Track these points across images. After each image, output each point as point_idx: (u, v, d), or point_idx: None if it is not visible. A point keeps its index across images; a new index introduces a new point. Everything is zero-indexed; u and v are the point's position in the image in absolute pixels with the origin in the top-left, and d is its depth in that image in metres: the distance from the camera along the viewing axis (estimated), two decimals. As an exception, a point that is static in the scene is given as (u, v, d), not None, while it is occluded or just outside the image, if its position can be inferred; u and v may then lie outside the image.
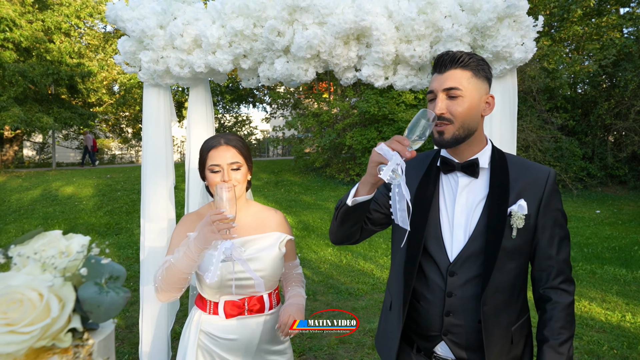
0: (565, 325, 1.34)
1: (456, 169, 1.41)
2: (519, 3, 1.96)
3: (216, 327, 1.68)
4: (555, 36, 13.92)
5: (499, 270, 1.33)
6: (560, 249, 1.38)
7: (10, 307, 0.40)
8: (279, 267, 1.75)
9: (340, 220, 1.44)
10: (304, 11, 2.05)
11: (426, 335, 1.43)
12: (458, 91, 1.33)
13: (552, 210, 1.38)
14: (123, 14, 2.23)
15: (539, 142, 12.62)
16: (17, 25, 16.01)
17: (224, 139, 1.71)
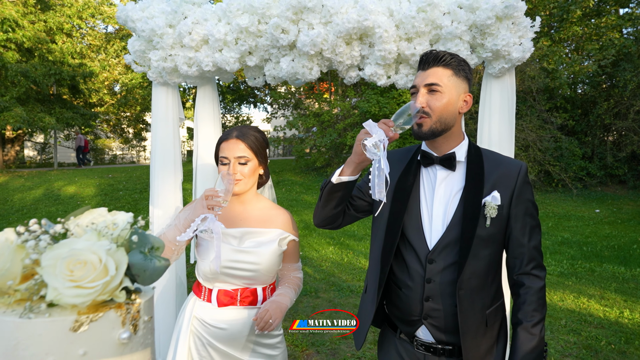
0: (537, 308, 1.42)
1: (435, 162, 1.50)
2: (517, 4, 2.03)
3: (208, 314, 1.71)
4: (555, 36, 13.98)
5: (474, 257, 1.42)
6: (531, 237, 1.46)
7: (76, 267, 0.47)
8: (275, 264, 1.75)
9: (325, 200, 1.52)
10: (310, 11, 2.12)
11: (408, 320, 1.51)
12: (438, 87, 1.42)
13: (524, 201, 1.47)
14: (133, 14, 2.30)
15: (538, 142, 12.68)
16: (20, 25, 16.10)
17: (237, 132, 1.74)
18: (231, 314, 1.70)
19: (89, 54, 20.80)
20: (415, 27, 2.06)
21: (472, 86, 1.55)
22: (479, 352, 1.44)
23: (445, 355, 1.48)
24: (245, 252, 1.69)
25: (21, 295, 0.49)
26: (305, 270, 6.75)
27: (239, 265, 1.68)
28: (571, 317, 4.80)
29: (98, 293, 0.47)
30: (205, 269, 1.68)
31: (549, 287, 5.96)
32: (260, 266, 1.70)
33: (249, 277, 1.71)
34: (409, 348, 1.53)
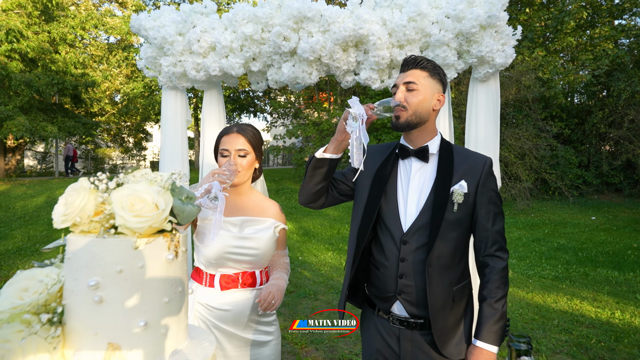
0: (500, 285, 1.58)
1: (410, 154, 1.68)
2: (499, 14, 2.22)
3: (212, 298, 1.84)
4: (550, 47, 14.28)
5: (443, 238, 1.58)
6: (494, 222, 1.63)
7: (136, 202, 0.62)
8: (271, 248, 1.91)
9: (309, 176, 1.68)
10: (310, 20, 2.30)
11: (384, 297, 1.68)
12: (415, 85, 1.62)
13: (488, 190, 1.64)
14: (146, 23, 2.48)
15: (534, 150, 12.87)
16: (24, 36, 16.38)
17: (237, 127, 1.92)
18: (234, 296, 1.85)
19: (90, 64, 21.10)
20: (406, 35, 2.24)
21: (446, 90, 1.74)
22: (447, 325, 1.61)
23: (418, 329, 1.64)
24: (246, 239, 1.84)
25: (95, 224, 0.66)
26: (304, 274, 6.88)
27: (241, 250, 1.83)
28: (564, 318, 4.93)
29: (151, 222, 0.63)
30: (210, 254, 1.81)
31: (543, 290, 6.09)
32: (260, 251, 1.85)
33: (249, 262, 1.86)
34: (386, 324, 1.70)
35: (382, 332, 1.71)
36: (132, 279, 0.62)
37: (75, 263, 0.63)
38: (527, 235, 10.21)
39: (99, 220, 0.65)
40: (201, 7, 2.47)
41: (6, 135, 16.55)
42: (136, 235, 0.63)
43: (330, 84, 18.41)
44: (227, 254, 1.81)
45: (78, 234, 0.65)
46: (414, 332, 1.64)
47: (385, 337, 1.70)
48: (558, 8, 13.95)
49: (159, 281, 0.65)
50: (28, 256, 8.19)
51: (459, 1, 2.23)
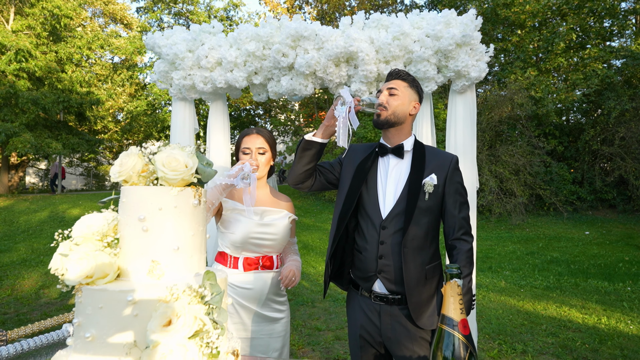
0: (466, 264, 1.81)
1: (388, 152, 1.93)
2: (473, 34, 2.51)
3: (235, 278, 2.11)
4: (542, 67, 14.73)
5: (416, 223, 1.83)
6: (460, 210, 1.88)
7: (172, 162, 0.87)
8: (287, 235, 2.20)
9: (298, 157, 1.91)
10: (306, 39, 2.60)
11: (366, 276, 1.91)
12: (396, 91, 1.90)
13: (454, 183, 1.90)
14: (159, 41, 2.78)
15: (529, 166, 13.15)
16: (33, 56, 16.88)
17: (256, 129, 2.23)
18: (254, 277, 2.12)
19: (95, 83, 21.61)
20: (391, 52, 2.53)
21: (422, 99, 2.02)
22: (421, 299, 1.85)
23: (396, 304, 1.88)
24: (266, 225, 2.12)
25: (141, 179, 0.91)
26: (303, 284, 7.05)
27: (262, 235, 2.11)
28: (552, 323, 5.11)
29: (182, 175, 0.88)
30: (236, 239, 2.08)
31: (534, 298, 6.27)
32: (278, 236, 2.14)
33: (269, 246, 2.14)
34: (368, 302, 1.93)
35: (365, 309, 1.93)
36: (168, 215, 0.87)
37: (128, 204, 0.88)
38: (522, 249, 10.40)
39: (145, 176, 0.90)
40: (209, 27, 2.78)
41: (12, 152, 16.86)
42: (172, 185, 0.88)
43: (329, 103, 18.85)
44: (250, 238, 2.09)
45: (130, 185, 0.91)
46: (392, 307, 1.87)
47: (368, 313, 1.92)
48: (549, 30, 14.46)
49: (187, 218, 0.89)
50: (33, 267, 8.36)
51: (437, 22, 2.53)
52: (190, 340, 0.76)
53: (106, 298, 0.80)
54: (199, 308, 0.79)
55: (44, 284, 7.22)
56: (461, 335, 0.90)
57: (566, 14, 14.82)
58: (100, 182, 30.79)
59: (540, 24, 15.19)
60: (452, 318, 0.91)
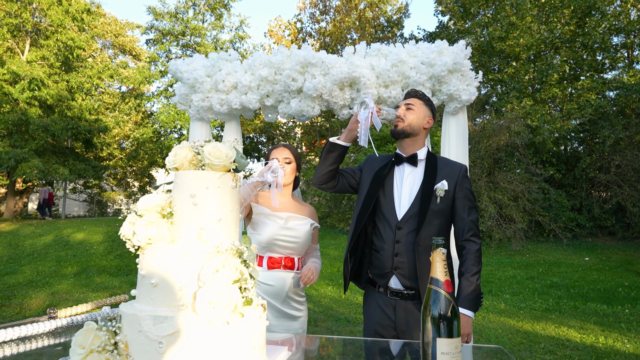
0: (475, 263, 2.01)
1: (403, 160, 2.15)
2: (463, 62, 2.81)
3: (260, 275, 2.31)
4: (537, 97, 15.20)
5: (428, 224, 2.02)
6: (469, 213, 2.08)
7: (216, 151, 1.11)
8: (308, 239, 2.42)
9: (323, 158, 2.15)
10: (313, 65, 2.90)
11: (383, 273, 2.10)
12: (412, 106, 2.15)
13: (463, 189, 2.10)
14: (182, 67, 3.09)
15: (527, 193, 13.37)
16: (45, 85, 17.48)
17: (282, 143, 2.53)
18: (277, 275, 2.34)
19: (102, 111, 22.20)
20: (390, 77, 2.83)
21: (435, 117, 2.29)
22: None
23: (410, 299, 2.07)
24: (290, 229, 2.35)
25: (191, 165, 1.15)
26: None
27: (286, 238, 2.34)
28: (550, 342, 5.21)
29: (224, 162, 1.11)
30: (262, 239, 2.32)
31: (533, 319, 6.36)
32: (300, 240, 2.37)
33: (291, 248, 2.36)
34: (384, 297, 2.12)
35: (381, 305, 2.12)
36: (213, 193, 1.10)
37: (181, 184, 1.12)
38: (522, 274, 10.48)
39: (194, 164, 1.14)
40: (226, 55, 3.09)
41: (20, 177, 17.18)
42: (215, 170, 1.12)
43: (331, 131, 19.30)
44: (275, 240, 2.32)
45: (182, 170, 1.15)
46: (407, 302, 2.06)
47: (384, 308, 2.10)
48: (543, 62, 15.02)
49: (227, 196, 1.13)
50: (40, 287, 8.49)
51: (431, 51, 2.84)
52: (234, 285, 0.98)
53: (166, 252, 1.03)
54: (238, 262, 1.01)
55: (51, 302, 7.34)
56: (446, 293, 1.11)
57: (559, 47, 15.42)
58: (102, 209, 30.94)
59: (534, 56, 15.77)
60: (438, 279, 1.12)
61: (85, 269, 10.63)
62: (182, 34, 20.61)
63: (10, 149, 16.64)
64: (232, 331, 0.97)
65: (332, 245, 13.75)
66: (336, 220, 15.90)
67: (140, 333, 0.95)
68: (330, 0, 20.96)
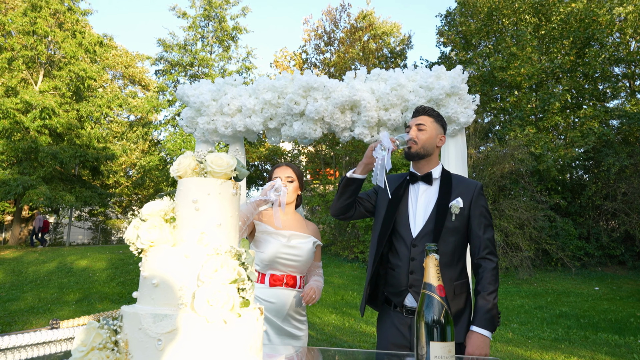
0: (491, 282, 1.98)
1: (418, 179, 2.15)
2: (460, 85, 2.90)
3: (261, 292, 2.33)
4: (540, 125, 15.33)
5: (444, 241, 2.01)
6: (485, 231, 2.05)
7: (218, 160, 1.16)
8: (310, 257, 2.43)
9: (340, 193, 2.16)
10: (315, 89, 3.00)
11: (398, 291, 2.07)
12: (423, 126, 2.12)
13: (479, 206, 2.09)
14: (188, 92, 3.21)
15: (532, 221, 13.27)
16: (56, 113, 17.92)
17: (285, 163, 2.57)
18: (278, 293, 2.35)
19: (111, 139, 22.61)
20: (389, 100, 2.92)
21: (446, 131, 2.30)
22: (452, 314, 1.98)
23: None
24: (292, 247, 2.37)
25: (193, 173, 1.21)
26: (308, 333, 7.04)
27: (288, 256, 2.36)
28: (560, 371, 5.07)
29: (226, 170, 1.17)
30: (265, 257, 2.33)
31: (542, 349, 6.21)
32: (302, 258, 2.39)
33: (293, 266, 2.37)
34: (399, 316, 2.09)
35: (396, 324, 2.09)
36: (214, 199, 1.15)
37: (184, 191, 1.17)
38: (530, 303, 10.28)
39: (197, 172, 1.20)
40: (231, 79, 3.21)
41: (26, 203, 17.36)
42: (217, 177, 1.18)
43: (335, 159, 19.48)
44: (278, 257, 2.35)
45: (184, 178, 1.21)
46: None
47: (399, 327, 2.07)
48: (544, 91, 15.24)
49: (228, 203, 1.18)
50: (41, 314, 8.43)
51: (429, 76, 2.94)
52: (232, 285, 1.02)
53: (167, 254, 1.07)
54: (236, 263, 1.05)
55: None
56: (439, 297, 1.14)
57: (560, 76, 15.68)
58: (107, 237, 30.94)
59: (536, 85, 16.02)
60: (431, 284, 1.15)
61: (87, 296, 10.56)
62: (190, 64, 21.22)
63: (19, 176, 16.90)
64: (229, 330, 1.00)
65: (337, 274, 13.61)
66: (340, 248, 15.80)
67: (140, 331, 0.98)
68: (334, 32, 21.61)
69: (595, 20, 14.91)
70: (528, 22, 16.31)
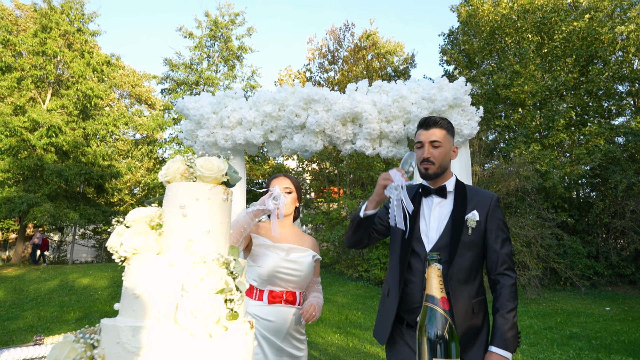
0: (510, 299, 1.88)
1: (431, 193, 2.06)
2: (463, 97, 2.85)
3: (260, 310, 2.22)
4: (545, 142, 15.25)
5: (460, 256, 1.92)
6: (503, 245, 1.96)
7: (208, 164, 1.11)
8: (310, 272, 2.34)
9: (354, 229, 2.09)
10: (316, 102, 2.96)
11: (412, 308, 1.97)
12: (439, 143, 2.00)
13: (496, 219, 1.99)
14: (188, 104, 3.18)
15: (540, 239, 13.06)
16: (62, 131, 18.09)
17: (282, 173, 2.50)
18: (277, 310, 2.24)
19: (115, 157, 22.75)
20: (391, 112, 2.87)
21: None
22: (469, 333, 1.89)
23: None
24: (292, 262, 2.27)
25: (183, 178, 1.15)
26: (311, 353, 6.85)
27: (287, 271, 2.26)
28: (572, 394, 4.86)
29: (216, 175, 1.11)
30: (264, 272, 2.23)
31: (553, 371, 5.98)
32: (302, 273, 2.29)
33: (293, 282, 2.27)
34: (412, 334, 1.98)
35: (409, 342, 1.97)
36: (203, 204, 1.09)
37: (172, 196, 1.11)
38: (539, 323, 10.00)
39: (186, 176, 1.14)
40: (232, 92, 3.19)
41: (31, 221, 17.36)
42: (207, 182, 1.12)
43: (339, 177, 19.43)
44: (277, 272, 2.24)
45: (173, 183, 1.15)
46: None
47: (413, 346, 1.95)
48: (548, 109, 15.21)
49: (218, 209, 1.11)
50: (40, 333, 8.29)
51: (432, 87, 2.90)
52: (218, 295, 0.94)
53: (151, 262, 1.00)
54: (224, 272, 0.98)
55: (49, 348, 7.14)
56: (442, 310, 1.05)
57: (564, 94, 15.67)
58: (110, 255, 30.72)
59: (540, 102, 16.01)
60: (434, 296, 1.07)
61: (87, 315, 10.42)
62: (195, 83, 21.47)
63: (24, 194, 16.95)
64: (214, 345, 0.92)
65: (341, 293, 13.38)
66: (344, 267, 15.59)
67: (119, 345, 0.90)
68: (338, 51, 21.85)
69: (597, 38, 14.98)
70: (530, 40, 16.41)
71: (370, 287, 14.19)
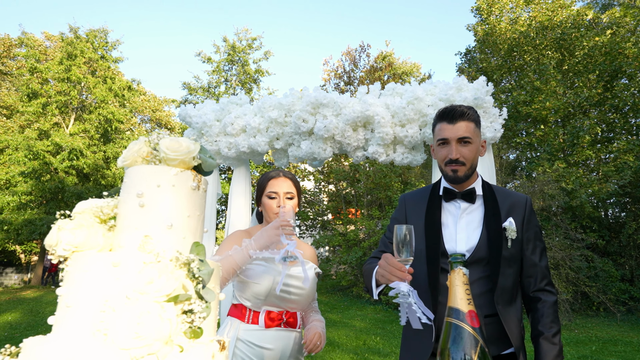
0: (554, 320, 1.59)
1: (457, 197, 1.72)
2: (485, 97, 2.62)
3: (255, 335, 1.84)
4: (570, 159, 14.69)
5: (502, 274, 1.60)
6: (541, 257, 1.68)
7: (174, 144, 0.90)
8: (314, 289, 1.97)
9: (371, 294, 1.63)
10: (325, 106, 2.77)
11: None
12: (469, 139, 1.66)
13: (533, 226, 1.70)
14: (191, 112, 3.03)
15: (569, 261, 12.39)
16: (84, 154, 18.46)
17: (282, 172, 2.01)
18: (276, 335, 1.86)
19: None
20: (406, 115, 2.65)
21: None
22: None
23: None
24: (294, 277, 1.90)
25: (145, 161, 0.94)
26: (327, 381, 6.45)
27: (289, 288, 1.88)
28: None
29: (183, 157, 0.90)
30: (261, 290, 1.83)
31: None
32: (305, 291, 1.92)
33: (294, 301, 1.91)
34: None
35: None
36: (166, 193, 0.88)
37: (128, 182, 0.90)
38: (572, 351, 9.31)
39: (149, 159, 0.93)
40: (237, 99, 3.03)
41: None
42: (172, 166, 0.91)
43: (356, 197, 19.12)
44: (276, 289, 1.83)
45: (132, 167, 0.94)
46: None
47: None
48: (572, 125, 14.73)
49: (184, 199, 0.90)
50: (50, 355, 8.14)
51: (449, 87, 2.67)
52: (170, 303, 0.72)
53: (90, 262, 0.78)
54: (183, 274, 0.76)
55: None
56: (470, 328, 0.80)
57: (588, 110, 15.18)
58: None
59: (563, 119, 15.54)
60: (459, 309, 0.81)
61: (100, 338, 10.24)
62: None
63: (45, 216, 17.20)
64: (163, 372, 0.69)
65: (359, 317, 12.87)
66: (362, 290, 15.08)
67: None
68: (354, 72, 21.91)
69: (621, 53, 14.55)
70: (550, 57, 16.08)
71: (390, 312, 13.64)
